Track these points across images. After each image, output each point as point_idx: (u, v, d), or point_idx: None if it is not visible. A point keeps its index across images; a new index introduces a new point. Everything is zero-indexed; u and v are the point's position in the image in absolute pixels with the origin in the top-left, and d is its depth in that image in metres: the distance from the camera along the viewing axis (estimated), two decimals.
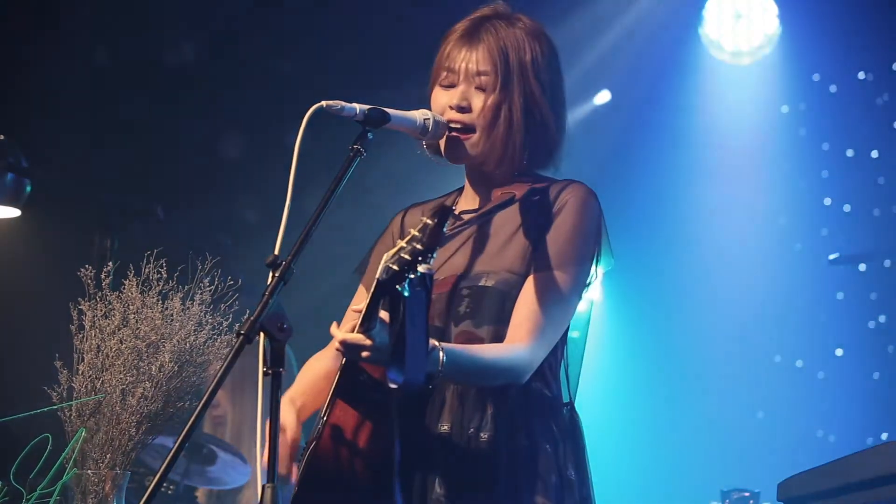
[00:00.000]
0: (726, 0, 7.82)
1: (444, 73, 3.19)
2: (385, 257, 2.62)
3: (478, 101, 3.15)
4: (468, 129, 3.15)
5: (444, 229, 2.59)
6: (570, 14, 7.19)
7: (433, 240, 2.56)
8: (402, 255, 2.58)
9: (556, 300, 3.07)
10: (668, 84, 7.89)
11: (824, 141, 7.84)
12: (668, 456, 7.64)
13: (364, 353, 2.77)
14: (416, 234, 2.58)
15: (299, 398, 3.18)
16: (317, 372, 3.27)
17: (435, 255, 2.58)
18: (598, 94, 7.77)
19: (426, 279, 2.61)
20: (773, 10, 7.78)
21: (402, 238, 2.62)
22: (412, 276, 2.58)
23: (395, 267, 2.58)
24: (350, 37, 7.41)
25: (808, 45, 7.75)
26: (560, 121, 3.23)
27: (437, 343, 2.84)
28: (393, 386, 2.69)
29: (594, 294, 3.25)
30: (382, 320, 2.76)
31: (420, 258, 2.56)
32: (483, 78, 3.15)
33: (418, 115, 3.11)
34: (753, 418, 7.75)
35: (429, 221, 2.57)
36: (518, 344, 3.02)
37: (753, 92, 7.86)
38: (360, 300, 3.30)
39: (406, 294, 2.61)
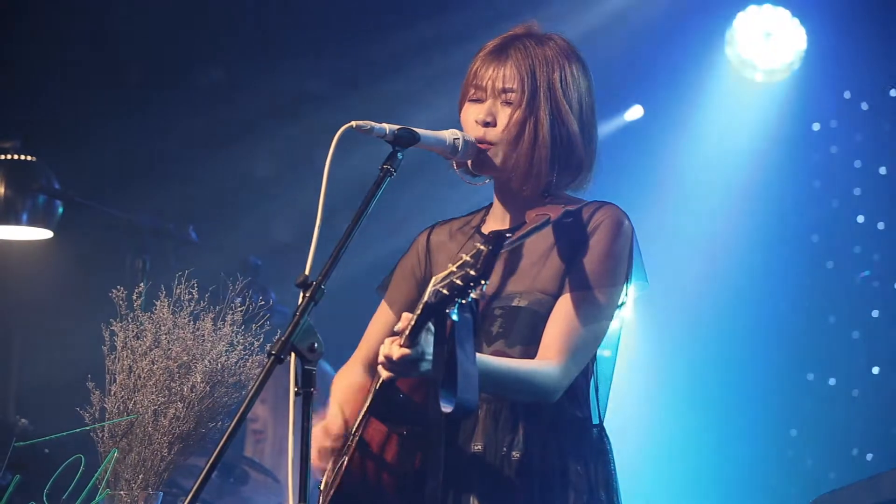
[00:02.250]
0: (755, 19, 7.79)
1: (472, 90, 3.19)
2: (434, 280, 2.61)
3: (503, 116, 3.14)
4: (492, 143, 3.14)
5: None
6: (596, 31, 7.18)
7: (487, 267, 2.54)
8: (454, 279, 2.56)
9: (588, 321, 3.06)
10: (697, 103, 7.85)
11: (856, 158, 7.80)
12: (701, 474, 7.60)
13: (406, 370, 2.77)
14: (469, 259, 2.56)
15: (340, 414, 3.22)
16: (350, 384, 3.31)
17: (487, 282, 2.56)
18: (629, 110, 7.75)
19: (473, 305, 2.61)
20: (802, 28, 7.75)
21: (452, 262, 2.60)
22: (462, 301, 2.57)
23: (445, 291, 2.57)
24: (381, 56, 7.43)
25: (838, 62, 7.70)
26: (589, 140, 3.20)
27: None
28: (446, 410, 2.68)
29: (624, 312, 3.23)
30: (427, 339, 2.75)
31: (472, 284, 2.55)
32: (509, 94, 3.13)
33: (448, 134, 3.10)
34: (787, 436, 7.70)
35: (483, 248, 2.55)
36: (548, 361, 3.01)
37: (784, 110, 7.82)
38: (383, 317, 3.33)
39: (455, 318, 2.60)
